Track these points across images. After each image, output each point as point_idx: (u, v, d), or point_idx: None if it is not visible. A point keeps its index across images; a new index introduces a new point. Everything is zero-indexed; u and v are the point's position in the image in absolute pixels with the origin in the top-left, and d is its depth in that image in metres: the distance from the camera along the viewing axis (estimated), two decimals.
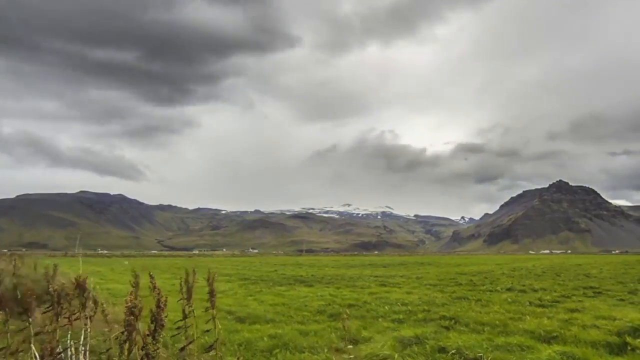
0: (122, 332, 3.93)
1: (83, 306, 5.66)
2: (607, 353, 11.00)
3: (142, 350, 3.57)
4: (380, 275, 41.72)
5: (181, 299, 5.17)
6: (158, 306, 3.82)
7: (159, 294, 3.95)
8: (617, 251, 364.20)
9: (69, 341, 5.57)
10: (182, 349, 4.93)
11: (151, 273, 4.46)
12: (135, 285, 4.42)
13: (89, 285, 5.75)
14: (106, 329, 5.79)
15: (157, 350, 3.59)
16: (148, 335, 3.65)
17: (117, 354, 3.92)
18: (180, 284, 5.18)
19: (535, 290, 26.16)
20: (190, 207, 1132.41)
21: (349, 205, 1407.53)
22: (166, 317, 3.82)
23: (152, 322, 3.71)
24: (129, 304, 3.90)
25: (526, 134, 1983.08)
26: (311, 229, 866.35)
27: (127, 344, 3.90)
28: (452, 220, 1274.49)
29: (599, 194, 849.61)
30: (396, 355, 10.69)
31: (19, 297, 5.30)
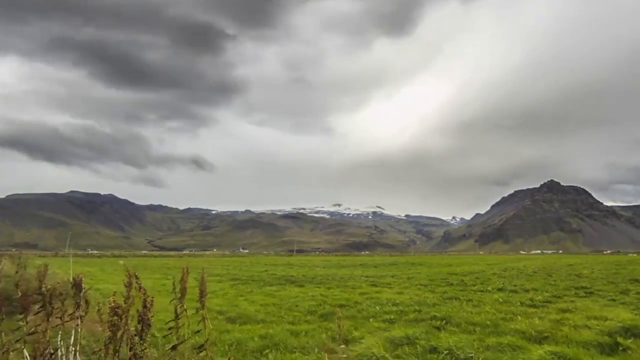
0: (108, 334, 3.94)
1: (78, 306, 5.64)
2: (598, 353, 11.04)
3: (130, 350, 3.58)
4: (371, 275, 41.75)
5: (174, 300, 5.16)
6: (144, 306, 3.83)
7: (144, 294, 3.96)
8: (608, 251, 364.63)
9: (59, 341, 5.55)
10: (173, 348, 4.92)
11: (136, 274, 4.45)
12: (128, 285, 4.41)
13: (84, 285, 5.75)
14: (99, 329, 5.77)
15: (145, 350, 3.60)
16: (135, 335, 3.66)
17: (104, 354, 3.93)
18: (174, 284, 5.17)
19: (527, 291, 26.19)
20: (181, 207, 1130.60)
21: (339, 205, 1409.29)
22: (152, 316, 3.82)
23: (139, 322, 3.72)
24: (113, 304, 3.91)
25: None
26: (302, 229, 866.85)
27: (112, 345, 3.91)
28: (443, 220, 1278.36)
29: (590, 194, 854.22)
30: (387, 356, 10.70)
31: (19, 295, 5.29)
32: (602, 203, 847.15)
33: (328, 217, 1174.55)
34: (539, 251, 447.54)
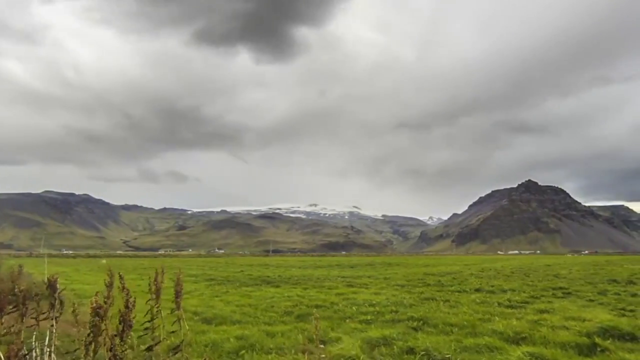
0: (88, 334, 3.90)
1: (52, 306, 5.58)
2: (576, 354, 11.08)
3: (109, 351, 3.55)
4: (348, 275, 41.79)
5: (149, 300, 5.13)
6: (126, 307, 3.80)
7: (127, 294, 3.93)
8: (586, 252, 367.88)
9: (33, 342, 5.50)
10: (148, 349, 4.90)
11: (121, 273, 4.44)
12: (109, 285, 4.39)
13: (59, 286, 5.70)
14: (75, 329, 5.72)
15: (125, 352, 3.57)
16: (116, 335, 3.63)
17: (83, 355, 3.88)
18: (149, 284, 5.15)
19: (504, 291, 26.31)
20: (156, 207, 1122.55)
21: (315, 205, 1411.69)
22: (134, 318, 3.80)
23: (120, 323, 3.69)
24: (95, 304, 3.86)
25: None
26: (278, 229, 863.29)
27: (92, 345, 3.87)
28: (420, 220, 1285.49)
29: (568, 194, 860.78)
30: (364, 356, 10.70)
31: None
32: (580, 203, 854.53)
33: (304, 217, 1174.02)
34: (516, 251, 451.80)
